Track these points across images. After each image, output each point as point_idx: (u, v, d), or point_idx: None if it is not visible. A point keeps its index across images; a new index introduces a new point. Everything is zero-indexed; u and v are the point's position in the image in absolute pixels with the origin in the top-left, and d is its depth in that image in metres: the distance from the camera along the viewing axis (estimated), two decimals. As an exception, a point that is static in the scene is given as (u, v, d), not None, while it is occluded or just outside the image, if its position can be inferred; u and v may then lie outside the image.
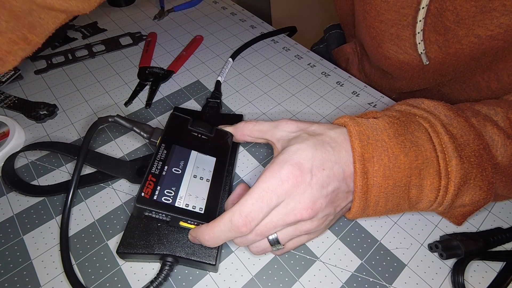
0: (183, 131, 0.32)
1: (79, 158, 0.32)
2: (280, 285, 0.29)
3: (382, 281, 0.30)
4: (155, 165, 0.28)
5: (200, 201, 0.28)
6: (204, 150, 0.32)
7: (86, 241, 0.31)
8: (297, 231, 0.26)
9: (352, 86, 0.48)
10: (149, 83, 0.47)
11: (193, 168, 0.30)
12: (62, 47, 0.54)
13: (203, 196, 0.29)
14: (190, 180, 0.29)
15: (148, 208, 0.26)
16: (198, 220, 0.27)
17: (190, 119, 0.33)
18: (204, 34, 0.57)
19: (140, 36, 0.56)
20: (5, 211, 0.33)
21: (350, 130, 0.27)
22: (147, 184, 0.27)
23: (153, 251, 0.28)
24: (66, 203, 0.31)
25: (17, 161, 0.37)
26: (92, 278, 0.29)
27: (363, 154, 0.25)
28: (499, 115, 0.29)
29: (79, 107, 0.44)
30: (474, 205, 0.28)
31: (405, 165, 0.25)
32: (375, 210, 0.27)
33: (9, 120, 0.40)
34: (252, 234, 0.25)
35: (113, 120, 0.30)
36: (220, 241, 0.26)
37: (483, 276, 0.30)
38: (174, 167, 0.29)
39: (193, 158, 0.30)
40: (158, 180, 0.27)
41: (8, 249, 0.31)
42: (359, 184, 0.25)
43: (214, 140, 0.33)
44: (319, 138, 0.27)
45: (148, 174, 0.27)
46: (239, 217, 0.24)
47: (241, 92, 0.47)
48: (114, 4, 0.64)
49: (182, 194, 0.28)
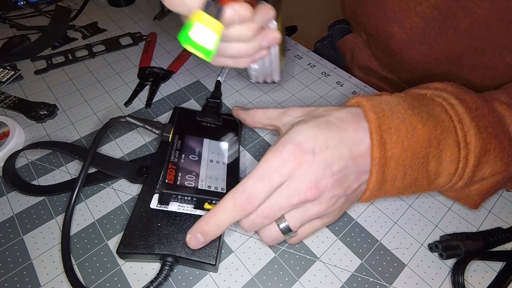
0: (193, 123, 0.34)
1: (87, 157, 0.31)
2: (280, 285, 0.29)
3: (382, 281, 0.30)
4: (172, 154, 0.30)
5: (221, 182, 0.30)
6: (215, 137, 0.34)
7: (86, 241, 0.31)
8: (306, 215, 0.25)
9: (352, 86, 0.48)
10: (149, 83, 0.47)
11: (208, 154, 0.32)
12: (62, 47, 0.54)
13: (223, 177, 0.31)
14: (207, 165, 0.31)
15: (174, 192, 0.27)
16: (219, 198, 0.28)
17: (198, 111, 0.35)
18: (204, 34, 0.57)
19: (140, 36, 0.56)
20: (5, 211, 0.33)
21: (364, 104, 0.26)
22: (169, 172, 0.28)
23: (153, 251, 0.28)
24: (70, 201, 0.31)
25: (17, 161, 0.37)
26: (92, 278, 0.29)
27: (380, 126, 0.24)
28: (503, 94, 0.29)
29: (79, 107, 0.44)
30: (494, 180, 0.27)
31: (424, 135, 0.25)
32: (393, 187, 0.26)
33: (9, 120, 0.40)
34: (258, 215, 0.25)
35: (125, 120, 0.30)
36: (224, 225, 0.25)
37: (483, 276, 0.30)
38: (190, 155, 0.31)
39: (206, 145, 0.32)
40: (178, 167, 0.29)
41: (8, 249, 0.31)
42: (376, 156, 0.24)
43: (223, 127, 0.35)
44: (323, 118, 0.26)
45: (168, 163, 0.29)
46: (241, 193, 0.24)
47: (241, 92, 0.47)
48: (114, 4, 0.64)
49: (203, 177, 0.29)
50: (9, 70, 0.48)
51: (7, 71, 0.48)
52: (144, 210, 0.31)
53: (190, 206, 0.30)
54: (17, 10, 0.61)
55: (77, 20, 0.60)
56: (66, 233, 0.30)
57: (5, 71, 0.47)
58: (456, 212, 0.34)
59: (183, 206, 0.31)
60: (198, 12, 0.21)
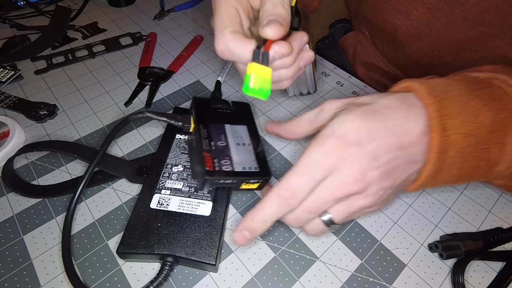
0: (210, 111, 0.35)
1: (98, 153, 0.32)
2: (280, 285, 0.29)
3: (382, 281, 0.30)
4: (203, 143, 0.30)
5: (252, 162, 0.31)
6: (233, 121, 0.35)
7: (86, 241, 0.31)
8: (352, 208, 0.24)
9: (352, 86, 0.48)
10: (149, 83, 0.47)
11: (233, 138, 0.33)
12: (62, 47, 0.54)
13: (252, 158, 0.32)
14: (236, 148, 0.32)
15: (216, 177, 0.28)
16: (258, 177, 0.30)
17: (210, 99, 0.36)
18: (204, 34, 0.57)
19: (140, 36, 0.56)
20: (5, 211, 0.33)
21: (416, 88, 0.24)
22: (206, 160, 0.29)
23: (153, 251, 0.28)
24: (72, 199, 0.31)
25: (17, 161, 0.37)
26: (92, 278, 0.29)
27: (440, 110, 0.23)
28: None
29: (79, 107, 0.44)
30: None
31: (488, 119, 0.23)
32: (449, 175, 0.24)
33: (9, 120, 0.40)
34: (302, 210, 0.24)
35: (144, 115, 0.30)
36: (269, 220, 0.24)
37: (483, 276, 0.30)
38: (218, 141, 0.32)
39: (228, 130, 0.33)
40: (212, 154, 0.30)
41: (8, 249, 0.31)
42: (436, 143, 0.23)
43: (237, 112, 0.36)
44: (368, 107, 0.24)
45: (202, 151, 0.29)
46: (285, 190, 0.23)
47: (241, 92, 0.47)
48: (114, 4, 0.64)
49: (236, 160, 0.31)
50: (9, 70, 0.48)
51: (7, 71, 0.48)
52: (144, 210, 0.31)
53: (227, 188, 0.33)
54: (17, 10, 0.61)
55: (77, 20, 0.60)
56: (67, 232, 0.30)
57: (5, 71, 0.47)
58: (456, 212, 0.34)
59: (183, 206, 0.31)
60: (251, 64, 0.25)
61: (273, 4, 0.28)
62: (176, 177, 0.33)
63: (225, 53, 0.28)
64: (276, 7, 0.28)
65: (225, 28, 0.28)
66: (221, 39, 0.27)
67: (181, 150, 0.35)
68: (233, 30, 0.28)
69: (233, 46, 0.27)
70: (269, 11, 0.27)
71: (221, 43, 0.27)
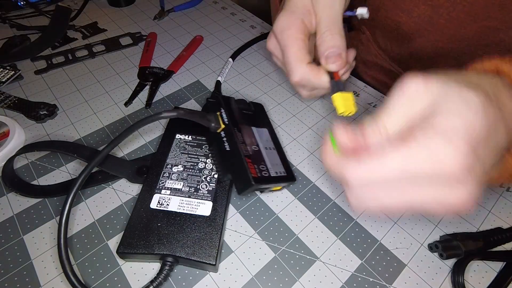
0: (236, 112, 0.33)
1: (107, 148, 0.31)
2: (280, 285, 0.29)
3: (382, 281, 0.30)
4: (241, 148, 0.30)
5: (279, 166, 0.32)
6: (256, 124, 0.34)
7: (86, 241, 0.31)
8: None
9: (352, 86, 0.48)
10: (149, 83, 0.47)
11: (260, 142, 0.33)
12: (62, 47, 0.54)
13: (278, 162, 0.32)
14: (266, 153, 0.32)
15: (262, 184, 0.29)
16: (286, 182, 0.31)
17: (232, 98, 0.35)
18: (204, 34, 0.57)
19: (140, 36, 0.56)
20: (5, 211, 0.33)
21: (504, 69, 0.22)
22: (249, 166, 0.29)
23: (153, 251, 0.28)
24: (71, 199, 0.30)
25: (17, 161, 0.37)
26: (92, 278, 0.29)
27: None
28: None
29: (79, 107, 0.44)
30: None
31: None
32: None
33: (9, 120, 0.40)
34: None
35: (178, 114, 0.29)
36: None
37: (483, 276, 0.30)
38: (252, 146, 0.32)
39: (256, 134, 0.33)
40: (252, 160, 0.30)
41: (8, 249, 0.31)
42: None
43: (257, 114, 0.36)
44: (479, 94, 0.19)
45: (243, 157, 0.29)
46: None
47: (241, 92, 0.47)
48: (114, 4, 0.64)
49: (269, 165, 0.31)
50: (9, 70, 0.48)
51: (7, 71, 0.48)
52: (144, 210, 0.31)
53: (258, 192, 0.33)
54: (17, 10, 0.61)
55: (77, 20, 0.60)
56: (64, 235, 0.30)
57: (5, 71, 0.47)
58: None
59: (183, 206, 0.31)
60: (336, 95, 0.30)
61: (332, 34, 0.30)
62: (176, 177, 0.33)
63: (301, 83, 0.33)
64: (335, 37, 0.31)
65: (301, 61, 0.32)
66: (298, 71, 0.32)
67: (181, 150, 0.35)
68: (308, 63, 0.32)
69: (311, 77, 0.32)
70: (329, 43, 0.31)
71: (299, 75, 0.32)
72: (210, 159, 0.34)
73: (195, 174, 0.33)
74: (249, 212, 0.34)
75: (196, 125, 0.33)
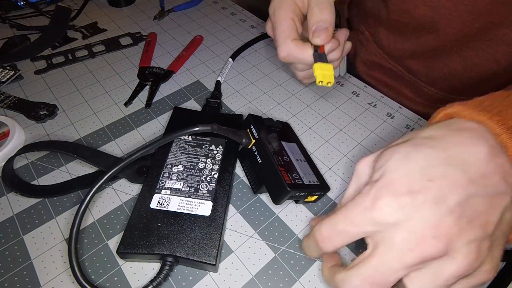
0: (265, 128, 0.36)
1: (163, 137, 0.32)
2: (280, 285, 0.29)
3: (382, 281, 0.29)
4: (274, 158, 0.32)
5: (312, 176, 0.33)
6: (285, 139, 0.36)
7: (86, 241, 0.31)
8: (441, 279, 0.18)
9: (352, 86, 0.48)
10: (149, 83, 0.47)
11: (291, 154, 0.34)
12: (62, 47, 0.54)
13: (310, 172, 0.34)
14: (297, 164, 0.34)
15: (297, 190, 0.30)
16: (319, 191, 0.33)
17: (260, 117, 0.37)
18: (204, 34, 0.57)
19: (140, 36, 0.56)
20: (5, 211, 0.33)
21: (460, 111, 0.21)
22: (283, 173, 0.31)
23: (153, 251, 0.28)
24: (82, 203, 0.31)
25: (17, 161, 0.37)
26: (92, 278, 0.29)
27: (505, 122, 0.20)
28: None
29: (79, 107, 0.44)
30: None
31: None
32: None
33: (9, 120, 0.40)
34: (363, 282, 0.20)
35: (213, 130, 0.32)
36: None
37: (483, 276, 0.30)
38: (283, 157, 0.33)
39: (286, 147, 0.35)
40: (285, 169, 0.31)
41: (8, 249, 0.31)
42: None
43: (284, 130, 0.38)
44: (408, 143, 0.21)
45: (276, 166, 0.31)
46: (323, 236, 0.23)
47: (241, 92, 0.47)
48: (114, 4, 0.64)
49: (302, 175, 0.32)
50: (9, 70, 0.48)
51: (7, 71, 0.48)
52: (144, 210, 0.31)
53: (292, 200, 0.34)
54: (17, 10, 0.61)
55: (77, 20, 0.60)
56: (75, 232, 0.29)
57: (5, 71, 0.47)
58: (456, 212, 0.34)
59: (183, 206, 0.31)
60: (316, 65, 0.32)
61: (320, 8, 0.31)
62: (176, 177, 0.33)
63: (288, 58, 0.34)
64: (322, 12, 0.31)
65: (287, 37, 0.33)
66: (284, 47, 0.33)
67: (181, 150, 0.35)
68: (293, 39, 0.33)
69: (295, 52, 0.33)
70: (316, 17, 0.31)
71: (285, 50, 0.33)
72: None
73: (195, 174, 0.33)
74: (249, 212, 0.34)
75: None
